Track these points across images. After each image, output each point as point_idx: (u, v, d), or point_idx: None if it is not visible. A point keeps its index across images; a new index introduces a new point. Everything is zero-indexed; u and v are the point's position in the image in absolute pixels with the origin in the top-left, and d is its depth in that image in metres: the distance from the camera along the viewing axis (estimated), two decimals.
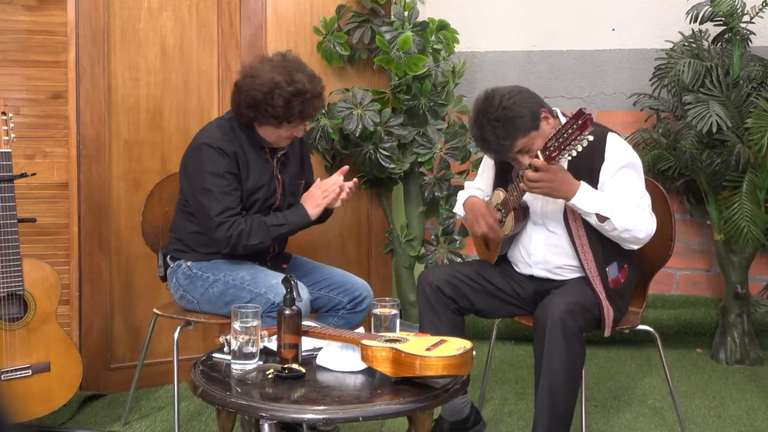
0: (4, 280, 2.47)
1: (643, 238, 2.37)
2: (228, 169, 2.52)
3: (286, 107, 2.48)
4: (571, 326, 2.26)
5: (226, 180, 2.51)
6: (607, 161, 2.40)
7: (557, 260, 2.50)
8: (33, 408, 2.51)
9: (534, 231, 2.53)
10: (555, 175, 2.27)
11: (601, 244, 2.42)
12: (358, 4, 3.41)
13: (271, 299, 2.43)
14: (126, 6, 3.05)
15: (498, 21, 4.01)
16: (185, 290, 2.62)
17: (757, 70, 3.44)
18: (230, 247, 2.51)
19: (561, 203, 2.42)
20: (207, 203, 2.51)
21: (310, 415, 1.80)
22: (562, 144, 2.20)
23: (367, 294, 2.70)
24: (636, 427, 2.81)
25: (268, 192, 2.61)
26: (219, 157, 2.51)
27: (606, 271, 2.43)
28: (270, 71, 2.50)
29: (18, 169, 2.64)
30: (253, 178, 2.58)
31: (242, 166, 2.56)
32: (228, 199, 2.51)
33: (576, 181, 2.31)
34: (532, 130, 2.35)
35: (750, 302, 3.56)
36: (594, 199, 2.32)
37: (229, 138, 2.56)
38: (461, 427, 2.58)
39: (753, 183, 3.32)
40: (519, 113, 2.33)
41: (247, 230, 2.50)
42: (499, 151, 2.38)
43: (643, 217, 2.36)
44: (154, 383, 3.14)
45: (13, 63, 2.92)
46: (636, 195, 2.39)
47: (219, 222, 2.49)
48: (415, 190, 3.53)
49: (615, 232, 2.34)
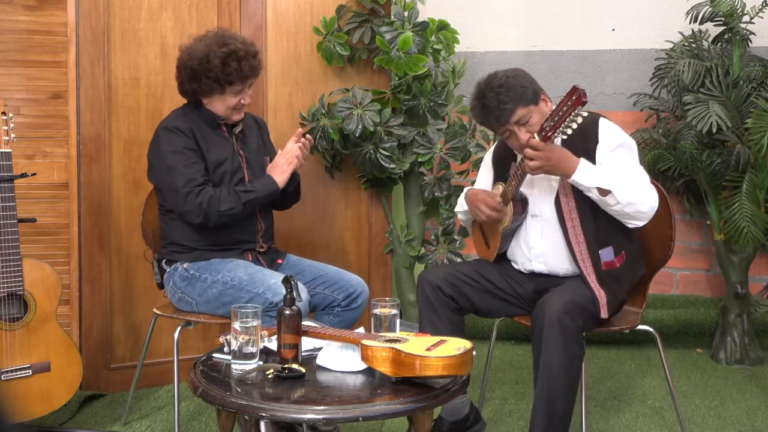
0: (4, 280, 2.47)
1: (646, 211, 2.36)
2: (186, 145, 2.59)
3: (223, 67, 2.56)
4: (569, 326, 2.25)
5: (185, 155, 2.58)
6: (601, 142, 2.41)
7: (555, 251, 2.50)
8: (33, 408, 2.51)
9: (532, 225, 2.53)
10: (553, 153, 2.30)
11: (595, 226, 2.41)
12: (358, 4, 3.41)
13: (270, 299, 2.43)
14: (126, 6, 3.05)
15: (498, 21, 4.02)
16: (183, 292, 2.62)
17: (757, 70, 3.44)
18: (202, 215, 2.54)
19: (553, 191, 2.44)
20: (171, 179, 2.56)
21: (310, 415, 1.80)
22: (557, 123, 2.24)
23: (362, 290, 2.70)
24: (636, 427, 2.81)
25: (232, 166, 2.66)
26: (175, 136, 2.60)
27: (599, 253, 2.42)
28: (203, 43, 2.62)
29: (18, 169, 2.65)
30: (215, 153, 2.65)
31: (201, 142, 2.62)
32: (191, 170, 2.56)
33: (575, 158, 2.33)
34: (532, 103, 2.40)
35: (750, 302, 3.56)
36: (595, 173, 2.32)
37: (183, 120, 2.65)
38: (461, 426, 2.58)
39: (753, 183, 3.32)
40: (522, 83, 2.41)
41: (217, 196, 2.55)
42: (499, 116, 2.40)
43: (645, 190, 2.36)
44: (154, 383, 3.14)
45: (13, 63, 2.92)
46: (635, 171, 2.40)
47: (186, 192, 2.54)
48: (415, 190, 3.53)
49: (618, 206, 2.33)
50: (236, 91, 2.63)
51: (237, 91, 2.63)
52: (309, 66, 3.40)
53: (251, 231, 2.70)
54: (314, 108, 3.33)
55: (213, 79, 2.58)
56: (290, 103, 3.38)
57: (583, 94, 2.18)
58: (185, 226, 2.63)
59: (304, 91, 3.40)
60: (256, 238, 2.71)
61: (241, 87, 2.64)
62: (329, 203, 3.46)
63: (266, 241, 2.75)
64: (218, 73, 2.57)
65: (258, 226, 2.71)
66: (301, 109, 3.37)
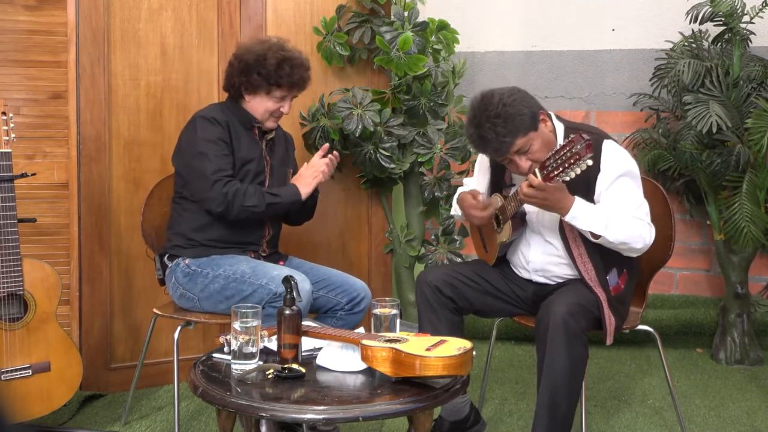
0: (4, 280, 2.47)
1: (640, 248, 2.35)
2: (221, 136, 2.62)
3: (277, 68, 2.63)
4: (574, 327, 2.25)
5: (218, 145, 2.61)
6: (603, 171, 2.36)
7: (556, 270, 2.50)
8: (33, 408, 2.51)
9: (532, 239, 2.52)
10: (551, 194, 2.25)
11: (600, 254, 2.40)
12: (358, 4, 3.41)
13: (273, 290, 2.44)
14: (126, 6, 3.05)
15: (498, 21, 4.02)
16: (185, 288, 2.62)
17: (757, 70, 3.44)
18: (225, 204, 2.55)
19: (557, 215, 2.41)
20: (201, 165, 2.58)
21: (310, 415, 1.80)
22: (561, 165, 2.16)
23: (365, 294, 2.70)
24: (636, 427, 2.81)
25: (258, 167, 2.69)
26: (211, 125, 2.63)
27: (606, 279, 2.42)
28: (263, 44, 2.71)
29: (18, 169, 2.65)
30: (244, 150, 2.67)
31: (234, 138, 2.65)
32: (222, 161, 2.59)
33: (571, 198, 2.28)
34: (531, 130, 2.32)
35: (750, 302, 3.56)
36: (588, 216, 2.29)
37: (221, 113, 2.68)
38: (461, 426, 2.58)
39: (753, 183, 3.32)
40: (519, 111, 2.30)
41: (243, 189, 2.57)
42: (498, 149, 2.33)
43: (640, 228, 2.33)
44: (154, 383, 3.14)
45: (13, 63, 2.92)
46: (633, 205, 2.36)
47: (215, 179, 2.56)
48: (415, 190, 3.53)
49: (611, 245, 2.34)
50: (279, 97, 2.68)
51: (280, 97, 2.68)
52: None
53: (258, 235, 2.71)
54: (314, 108, 3.33)
55: (264, 77, 2.63)
56: None
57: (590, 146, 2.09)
58: (197, 217, 2.64)
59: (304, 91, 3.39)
60: (261, 242, 2.72)
61: (286, 94, 2.69)
62: (329, 203, 3.46)
63: (270, 247, 2.76)
64: (271, 72, 2.63)
65: (265, 232, 2.72)
66: (301, 109, 3.37)
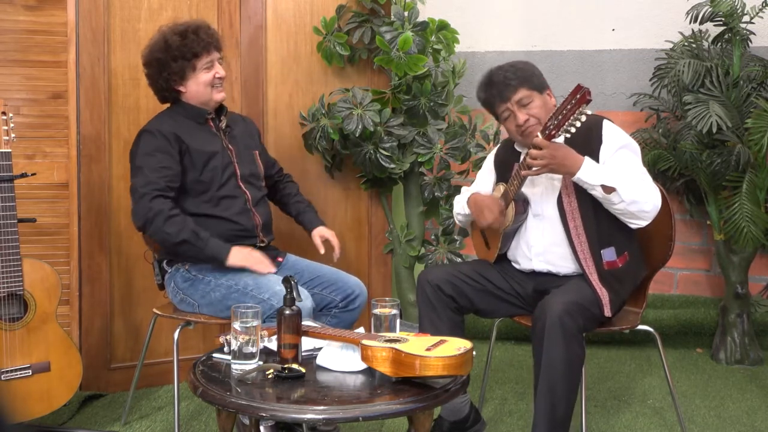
0: (4, 280, 2.47)
1: (650, 210, 2.35)
2: (159, 147, 2.56)
3: (183, 41, 2.58)
4: (570, 326, 2.25)
5: (155, 158, 2.54)
6: (605, 143, 2.42)
7: (557, 249, 2.50)
8: (33, 408, 2.51)
9: (533, 222, 2.54)
10: (557, 151, 2.30)
11: (597, 226, 2.42)
12: (358, 4, 3.41)
13: (275, 306, 2.39)
14: (126, 6, 3.05)
15: (498, 21, 4.02)
16: (185, 293, 2.61)
17: (757, 70, 3.44)
18: (144, 220, 2.50)
19: (555, 190, 2.45)
20: (134, 179, 2.55)
21: (310, 415, 1.80)
22: (561, 121, 2.24)
23: (360, 292, 2.69)
24: (636, 427, 2.81)
25: (223, 161, 2.66)
26: (152, 138, 2.58)
27: (601, 252, 2.43)
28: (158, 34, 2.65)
29: (18, 169, 2.65)
30: (204, 145, 2.63)
31: (189, 141, 2.60)
32: (156, 174, 2.53)
33: (579, 156, 2.33)
34: (536, 90, 2.46)
35: (750, 302, 3.56)
36: (599, 171, 2.32)
37: (168, 121, 2.63)
38: (461, 426, 2.58)
39: (753, 183, 3.32)
40: (532, 71, 2.50)
41: (167, 214, 2.48)
42: (502, 91, 2.45)
43: (649, 189, 2.36)
44: (154, 383, 3.14)
45: (13, 63, 2.92)
46: (638, 172, 2.40)
47: (143, 192, 2.50)
48: (415, 190, 3.53)
49: (622, 204, 2.33)
50: (207, 65, 2.63)
51: (207, 65, 2.63)
52: (309, 66, 3.40)
53: (250, 226, 2.69)
54: (314, 108, 3.33)
55: (180, 56, 2.59)
56: (290, 104, 3.38)
57: (588, 92, 2.18)
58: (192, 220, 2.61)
59: (304, 91, 3.40)
60: (256, 233, 2.70)
61: (209, 58, 2.64)
62: (329, 203, 3.46)
63: (266, 235, 2.73)
64: (182, 47, 2.58)
65: (255, 221, 2.70)
66: (301, 109, 3.37)
